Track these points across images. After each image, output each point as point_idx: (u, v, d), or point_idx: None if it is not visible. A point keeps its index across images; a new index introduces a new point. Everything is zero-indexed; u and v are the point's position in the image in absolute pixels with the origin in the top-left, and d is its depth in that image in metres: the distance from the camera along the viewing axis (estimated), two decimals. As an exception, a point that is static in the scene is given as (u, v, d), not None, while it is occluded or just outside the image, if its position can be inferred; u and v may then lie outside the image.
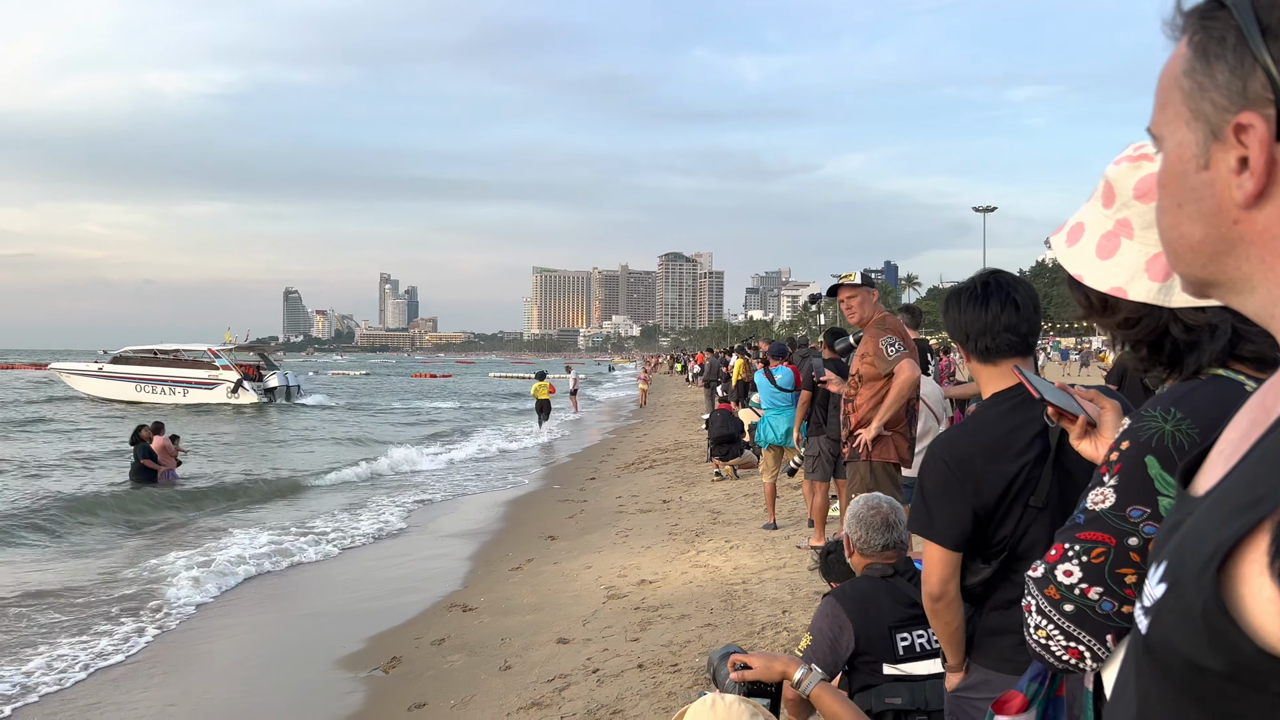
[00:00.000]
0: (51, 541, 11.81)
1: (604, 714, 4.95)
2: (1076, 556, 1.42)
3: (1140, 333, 1.47)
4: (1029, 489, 2.18)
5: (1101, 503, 1.42)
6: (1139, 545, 1.38)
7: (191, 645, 7.65)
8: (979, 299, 2.30)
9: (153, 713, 6.19)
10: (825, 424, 8.07)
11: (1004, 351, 2.30)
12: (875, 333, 5.17)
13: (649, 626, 6.43)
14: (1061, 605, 1.43)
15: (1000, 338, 2.29)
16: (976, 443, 2.24)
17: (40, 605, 8.62)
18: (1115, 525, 1.40)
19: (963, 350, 2.38)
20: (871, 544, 3.24)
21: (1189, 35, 0.71)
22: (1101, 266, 1.43)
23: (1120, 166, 1.44)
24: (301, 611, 8.63)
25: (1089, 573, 1.41)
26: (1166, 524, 0.73)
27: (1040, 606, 1.46)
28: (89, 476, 17.60)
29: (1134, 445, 1.41)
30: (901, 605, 3.08)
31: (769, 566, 7.61)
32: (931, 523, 2.23)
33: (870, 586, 3.16)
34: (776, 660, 2.39)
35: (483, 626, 7.44)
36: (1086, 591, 1.41)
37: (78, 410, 34.55)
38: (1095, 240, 1.45)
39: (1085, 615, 1.41)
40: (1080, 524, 1.43)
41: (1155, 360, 1.50)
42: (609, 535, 10.22)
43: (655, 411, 31.46)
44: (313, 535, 11.83)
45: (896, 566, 3.18)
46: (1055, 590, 1.44)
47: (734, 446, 13.18)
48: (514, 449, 22.89)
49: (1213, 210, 0.70)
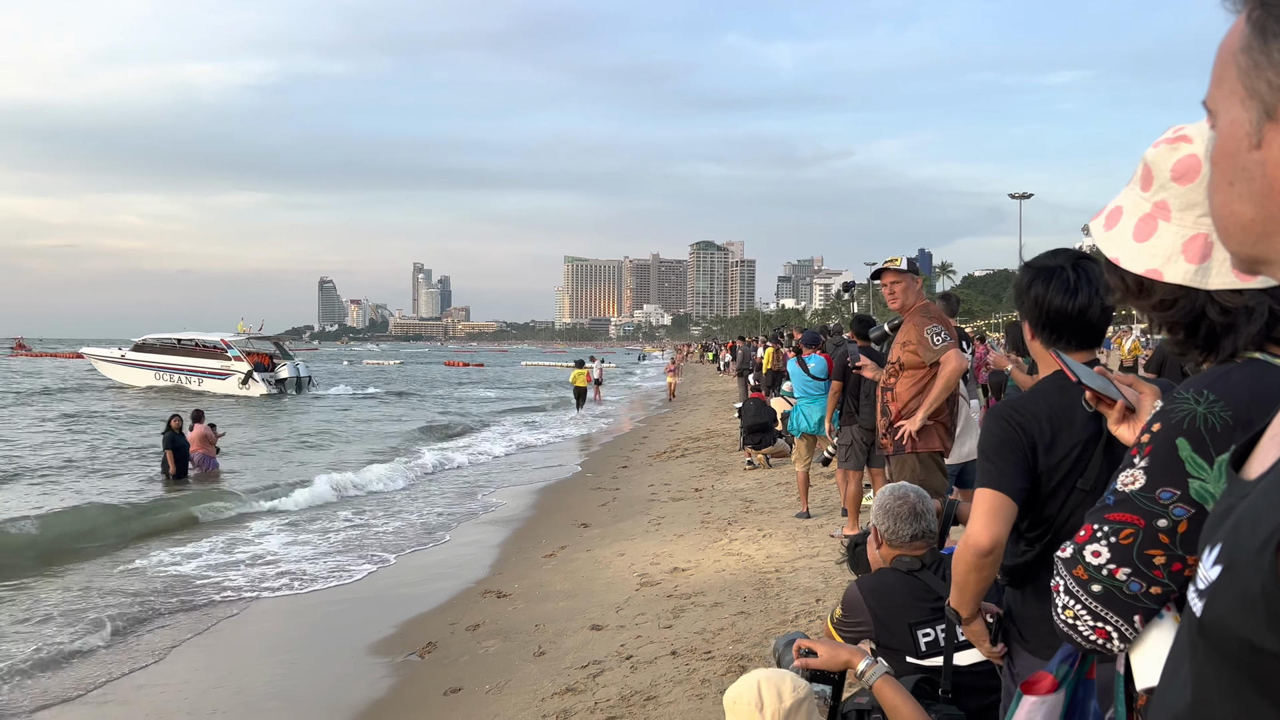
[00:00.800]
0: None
1: (637, 700, 4.98)
2: (1105, 537, 1.43)
3: (1176, 315, 1.46)
4: (1078, 471, 2.17)
5: (1131, 484, 1.42)
6: (1168, 527, 1.39)
7: (232, 628, 7.79)
8: (1069, 287, 2.26)
9: (196, 694, 6.32)
10: (858, 413, 8.03)
11: (1074, 347, 2.28)
12: (919, 321, 5.11)
13: (682, 614, 6.45)
14: (1089, 586, 1.44)
15: (1079, 326, 2.28)
16: (1038, 408, 2.23)
17: (96, 589, 8.82)
18: (1145, 507, 1.40)
19: (1029, 328, 2.34)
20: (900, 535, 3.22)
21: (1248, 11, 0.70)
22: (1138, 249, 1.43)
23: (1159, 149, 1.44)
24: (337, 597, 8.75)
25: (1117, 553, 1.42)
26: (1218, 508, 0.73)
27: (1068, 586, 1.48)
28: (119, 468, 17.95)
29: (1165, 427, 1.41)
30: (924, 602, 3.07)
31: (802, 555, 7.60)
32: (996, 472, 2.20)
33: (894, 581, 3.15)
34: (842, 649, 2.39)
35: (517, 613, 7.50)
36: (1114, 572, 1.42)
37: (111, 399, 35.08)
38: (1133, 223, 1.45)
39: (1113, 596, 1.42)
40: (1110, 505, 1.44)
41: (1191, 343, 1.49)
42: (641, 523, 10.25)
43: (687, 400, 31.45)
44: (350, 522, 12.00)
45: (924, 559, 3.16)
46: (1083, 570, 1.45)
47: (767, 435, 13.15)
48: (546, 438, 23.02)
49: (1263, 190, 0.69)
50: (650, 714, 4.76)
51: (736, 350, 31.43)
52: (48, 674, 6.65)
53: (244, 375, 37.22)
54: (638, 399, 36.53)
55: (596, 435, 23.39)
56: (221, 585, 9.00)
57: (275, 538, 11.11)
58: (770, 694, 2.04)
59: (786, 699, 2.03)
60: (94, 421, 26.77)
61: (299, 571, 9.52)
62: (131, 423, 25.89)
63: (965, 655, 3.04)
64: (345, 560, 10.04)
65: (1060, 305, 2.25)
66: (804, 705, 2.06)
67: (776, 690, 2.04)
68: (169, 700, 6.21)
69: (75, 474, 16.85)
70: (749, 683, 2.09)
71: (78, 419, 27.41)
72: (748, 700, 2.04)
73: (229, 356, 37.90)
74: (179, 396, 34.20)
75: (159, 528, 11.79)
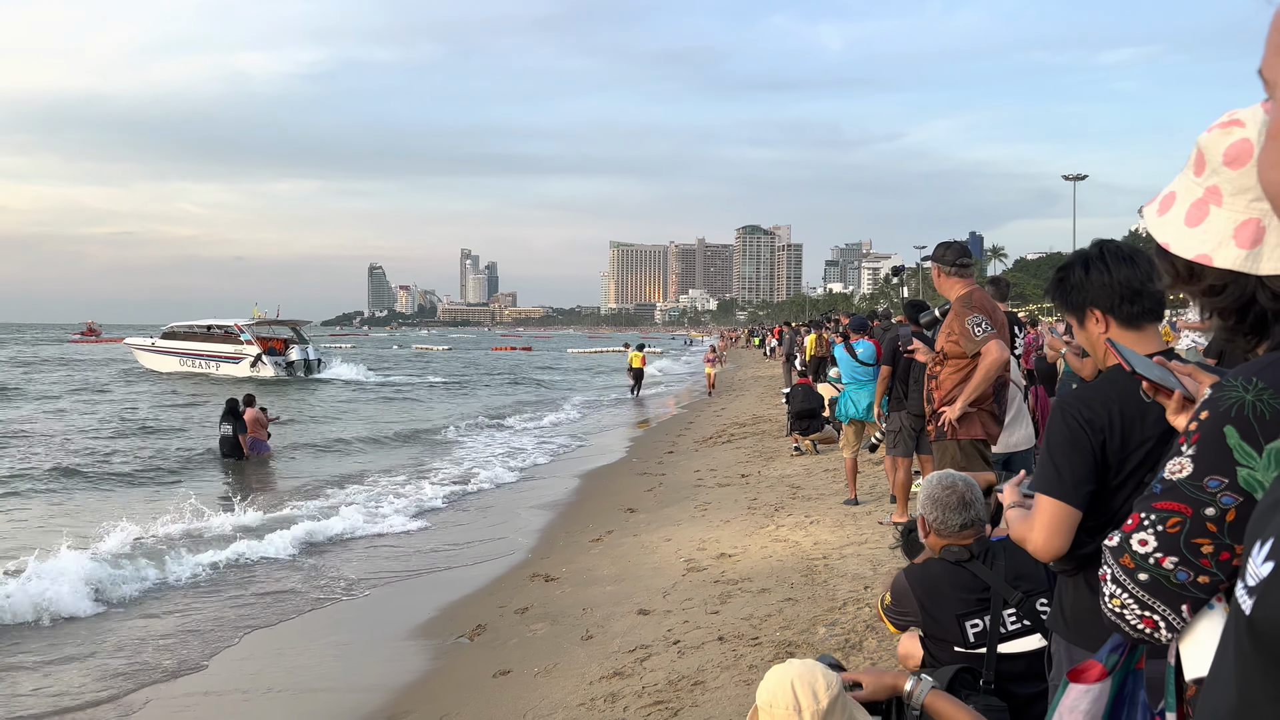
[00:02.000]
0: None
1: (685, 685, 5.00)
2: (1152, 526, 1.43)
3: (1226, 300, 1.43)
4: (1148, 465, 2.12)
5: (1179, 472, 1.41)
6: (1216, 516, 1.38)
7: (284, 605, 7.95)
8: (1125, 256, 2.23)
9: (245, 678, 6.47)
10: (906, 399, 7.95)
11: (1149, 316, 2.25)
12: (961, 310, 5.05)
13: (729, 600, 6.45)
14: (1136, 574, 1.45)
15: (1149, 300, 2.24)
16: (1107, 405, 2.17)
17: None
18: (1192, 495, 1.39)
19: (1101, 317, 2.29)
20: (949, 524, 3.19)
21: None
22: (1189, 234, 1.41)
23: (1211, 134, 1.42)
24: (387, 580, 8.89)
25: (1164, 542, 1.42)
26: (1267, 499, 0.71)
27: (1115, 575, 1.48)
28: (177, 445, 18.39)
29: (1213, 415, 1.39)
30: (972, 593, 3.04)
31: (850, 542, 7.56)
32: (1060, 479, 2.15)
33: (941, 572, 3.12)
34: (885, 676, 2.37)
35: (564, 596, 7.57)
36: (1161, 561, 1.42)
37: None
38: (1185, 208, 1.43)
39: (1160, 585, 1.43)
40: (1157, 493, 1.44)
41: (1240, 329, 1.46)
42: (688, 509, 10.27)
43: (733, 386, 31.37)
44: (398, 503, 12.19)
45: (972, 549, 3.12)
46: (1130, 559, 1.46)
47: (815, 421, 13.08)
48: (589, 424, 23.13)
49: None
50: (698, 699, 4.78)
51: (783, 335, 31.26)
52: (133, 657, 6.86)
53: (253, 359, 38.41)
54: (689, 386, 36.29)
55: (643, 421, 23.45)
56: (285, 565, 9.18)
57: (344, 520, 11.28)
58: (806, 695, 2.00)
59: (823, 699, 2.00)
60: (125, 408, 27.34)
61: (349, 546, 9.69)
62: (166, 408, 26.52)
63: (1011, 644, 3.01)
64: (396, 541, 10.20)
65: (1129, 274, 2.22)
66: (839, 702, 2.03)
67: (812, 690, 2.00)
68: (228, 679, 6.37)
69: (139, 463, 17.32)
70: (781, 683, 2.03)
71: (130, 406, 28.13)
72: (784, 704, 1.99)
73: (241, 341, 39.13)
74: (202, 381, 35.62)
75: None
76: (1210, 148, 1.41)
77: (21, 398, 30.10)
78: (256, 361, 38.32)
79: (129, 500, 13.04)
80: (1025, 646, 3.01)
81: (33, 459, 16.57)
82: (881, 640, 5.11)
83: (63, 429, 21.41)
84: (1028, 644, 3.01)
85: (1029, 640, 3.01)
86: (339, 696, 6.03)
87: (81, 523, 11.27)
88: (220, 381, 35.41)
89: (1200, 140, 1.43)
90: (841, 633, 5.34)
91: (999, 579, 3.05)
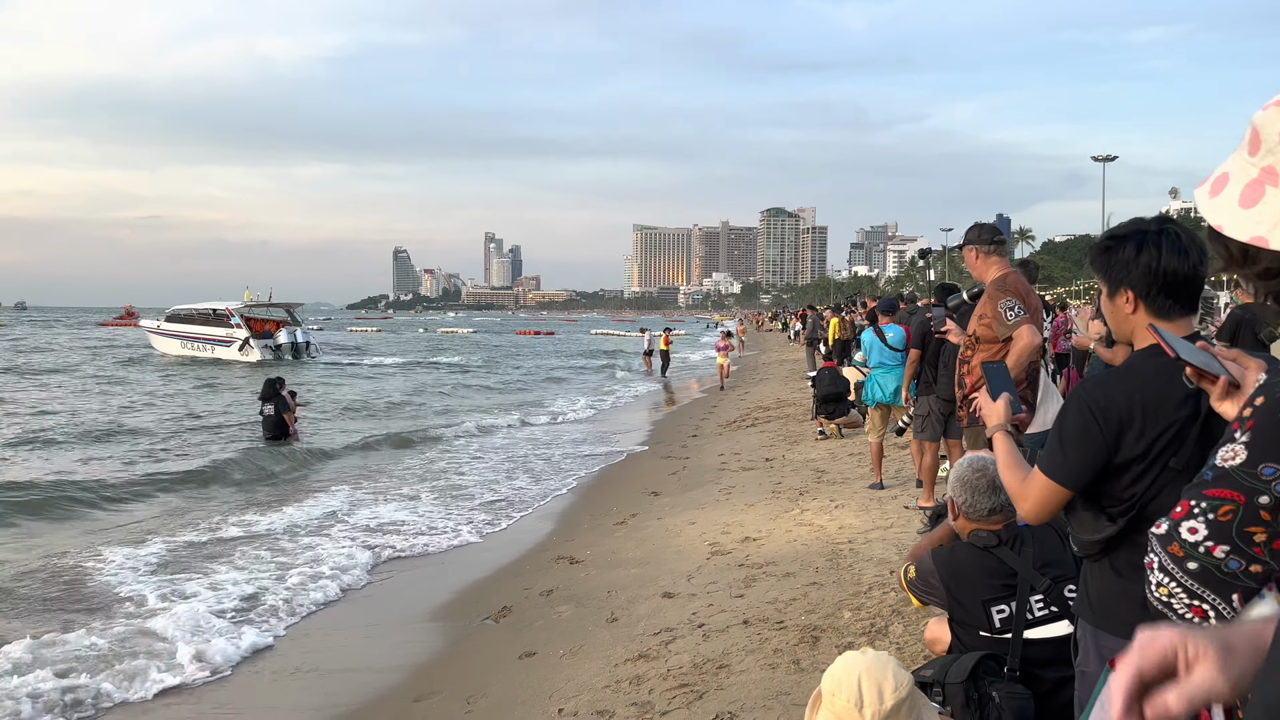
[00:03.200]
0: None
1: (710, 669, 5.00)
2: (1203, 514, 1.41)
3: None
4: (1171, 450, 2.09)
5: (1232, 459, 1.39)
6: (1270, 504, 1.36)
7: (314, 585, 8.03)
8: (1181, 248, 2.16)
9: (275, 659, 6.54)
10: (935, 382, 7.89)
11: (1182, 310, 2.19)
12: (994, 294, 4.98)
13: (753, 583, 6.45)
14: (1185, 563, 1.42)
15: (1186, 295, 2.18)
16: (1126, 394, 2.13)
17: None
18: (1245, 483, 1.37)
19: (1132, 298, 2.24)
20: (978, 508, 3.16)
21: None
22: (1243, 216, 1.37)
23: (1267, 112, 1.37)
24: (410, 560, 8.96)
25: (1215, 530, 1.40)
26: None
27: (1163, 564, 1.45)
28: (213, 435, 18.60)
29: (1269, 401, 1.37)
30: (999, 578, 3.02)
31: (875, 526, 7.53)
32: (1064, 464, 2.15)
33: (969, 557, 3.09)
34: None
35: (589, 579, 7.59)
36: (1212, 549, 1.40)
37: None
38: (1239, 189, 1.39)
39: (1210, 573, 1.40)
40: (1208, 481, 1.41)
41: None
42: (712, 492, 10.26)
43: (756, 370, 31.27)
44: (421, 485, 12.28)
45: (1001, 535, 3.09)
46: (1179, 548, 1.43)
47: (840, 405, 13.03)
48: (616, 407, 23.16)
49: None
50: (723, 682, 4.78)
51: (806, 319, 31.08)
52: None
53: (241, 341, 39.23)
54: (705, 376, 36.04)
55: (664, 404, 23.44)
56: (310, 547, 9.27)
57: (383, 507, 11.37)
58: (871, 692, 1.91)
59: (888, 699, 1.91)
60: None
61: (396, 529, 9.77)
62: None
63: (1038, 630, 2.98)
64: (424, 527, 10.28)
65: (1176, 267, 2.15)
66: (905, 705, 1.93)
67: (878, 689, 1.91)
68: (260, 660, 6.45)
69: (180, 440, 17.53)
70: (849, 674, 1.95)
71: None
72: (847, 696, 1.92)
73: (231, 324, 39.93)
74: (201, 364, 36.59)
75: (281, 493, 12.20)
76: (1266, 126, 1.37)
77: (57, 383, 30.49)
78: (244, 345, 39.13)
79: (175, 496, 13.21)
80: (1052, 633, 2.98)
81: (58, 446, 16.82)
82: (907, 625, 5.08)
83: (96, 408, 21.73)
84: (1055, 630, 2.98)
85: (1056, 626, 2.98)
86: (367, 676, 6.09)
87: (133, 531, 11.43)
88: (205, 364, 36.78)
89: (1255, 119, 1.39)
90: (867, 617, 5.32)
91: (1027, 565, 3.02)
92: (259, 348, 38.94)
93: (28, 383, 29.78)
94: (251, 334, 39.42)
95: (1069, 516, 2.25)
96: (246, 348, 38.92)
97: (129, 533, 9.99)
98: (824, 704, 1.95)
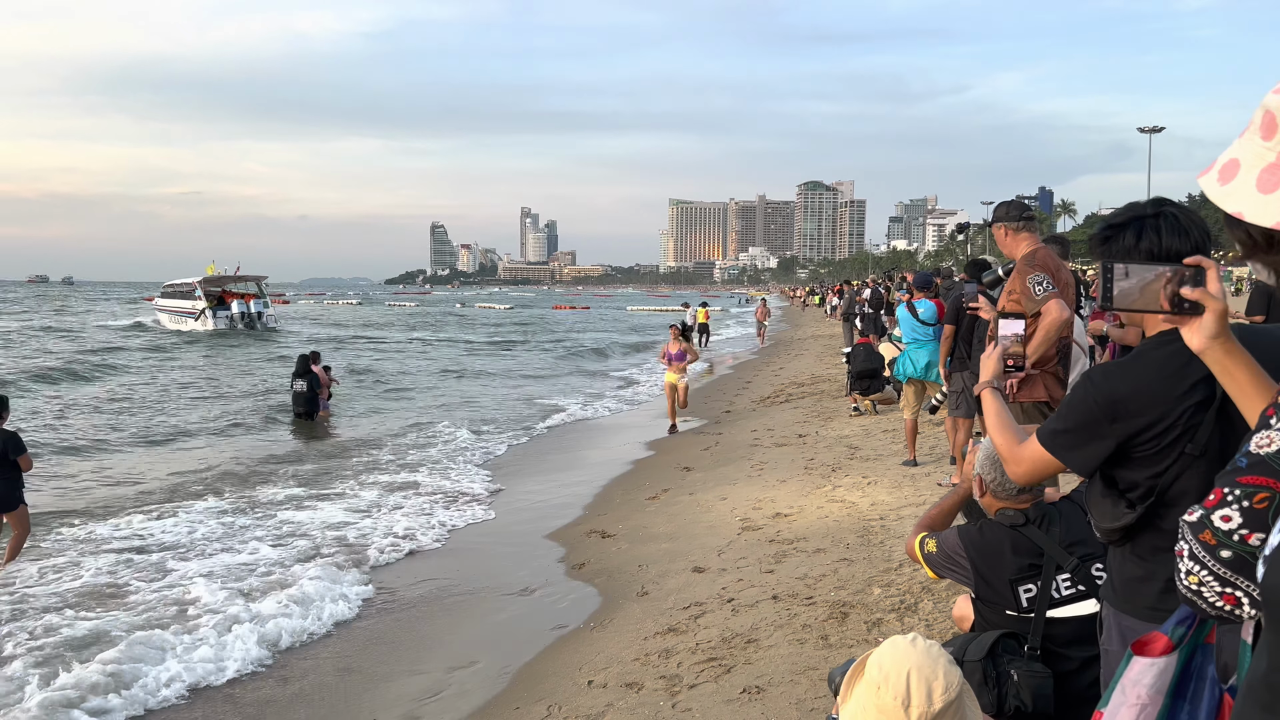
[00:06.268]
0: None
1: (738, 643, 5.03)
2: (1236, 501, 1.38)
3: None
4: (1187, 436, 2.07)
5: (1267, 446, 1.36)
6: None
7: (354, 563, 8.18)
8: (1180, 228, 2.13)
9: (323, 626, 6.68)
10: (970, 358, 7.80)
11: None
12: (1023, 269, 4.92)
13: (784, 559, 6.46)
14: (1218, 551, 1.40)
15: None
16: (1135, 383, 2.11)
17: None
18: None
19: None
20: (1006, 486, 3.13)
21: None
22: (1264, 201, 1.34)
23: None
24: (447, 533, 9.07)
25: (1250, 518, 1.37)
26: None
27: (1194, 552, 1.43)
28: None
29: None
30: (1026, 557, 3.00)
31: (908, 503, 7.50)
32: (1065, 443, 2.16)
33: (997, 536, 3.07)
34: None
35: (620, 553, 7.65)
36: (1247, 538, 1.38)
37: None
38: (1255, 175, 1.36)
39: (1244, 562, 1.38)
40: (1242, 468, 1.39)
41: None
42: (743, 468, 10.27)
43: (791, 346, 31.14)
44: (456, 459, 12.42)
45: (1029, 514, 3.07)
46: (1211, 535, 1.41)
47: (876, 381, 12.93)
48: (649, 383, 23.19)
49: None
50: (751, 656, 4.81)
51: (842, 293, 30.87)
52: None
53: (199, 312, 43.23)
54: (741, 351, 36.19)
55: (699, 380, 23.44)
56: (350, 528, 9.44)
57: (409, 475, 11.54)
58: (920, 692, 1.82)
59: (937, 701, 1.82)
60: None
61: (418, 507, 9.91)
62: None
63: (1064, 609, 2.96)
64: (455, 499, 10.40)
65: (1179, 248, 2.12)
66: (953, 706, 1.83)
67: (928, 689, 1.82)
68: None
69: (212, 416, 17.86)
70: (898, 668, 1.86)
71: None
72: (895, 693, 1.83)
73: (195, 296, 44.10)
74: (184, 336, 40.20)
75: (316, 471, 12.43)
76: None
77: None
78: (201, 315, 42.86)
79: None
80: (1078, 611, 2.97)
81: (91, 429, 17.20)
82: (937, 603, 5.07)
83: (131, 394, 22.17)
84: (1081, 609, 2.96)
85: (1083, 605, 2.96)
86: (396, 650, 6.20)
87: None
88: (172, 334, 40.73)
89: (1268, 101, 1.36)
90: (897, 594, 5.32)
91: (1054, 544, 3.00)
92: (214, 318, 42.33)
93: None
94: (217, 305, 42.95)
95: (1088, 504, 2.24)
96: (203, 317, 42.67)
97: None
98: (867, 693, 1.87)
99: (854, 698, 1.93)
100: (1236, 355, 1.78)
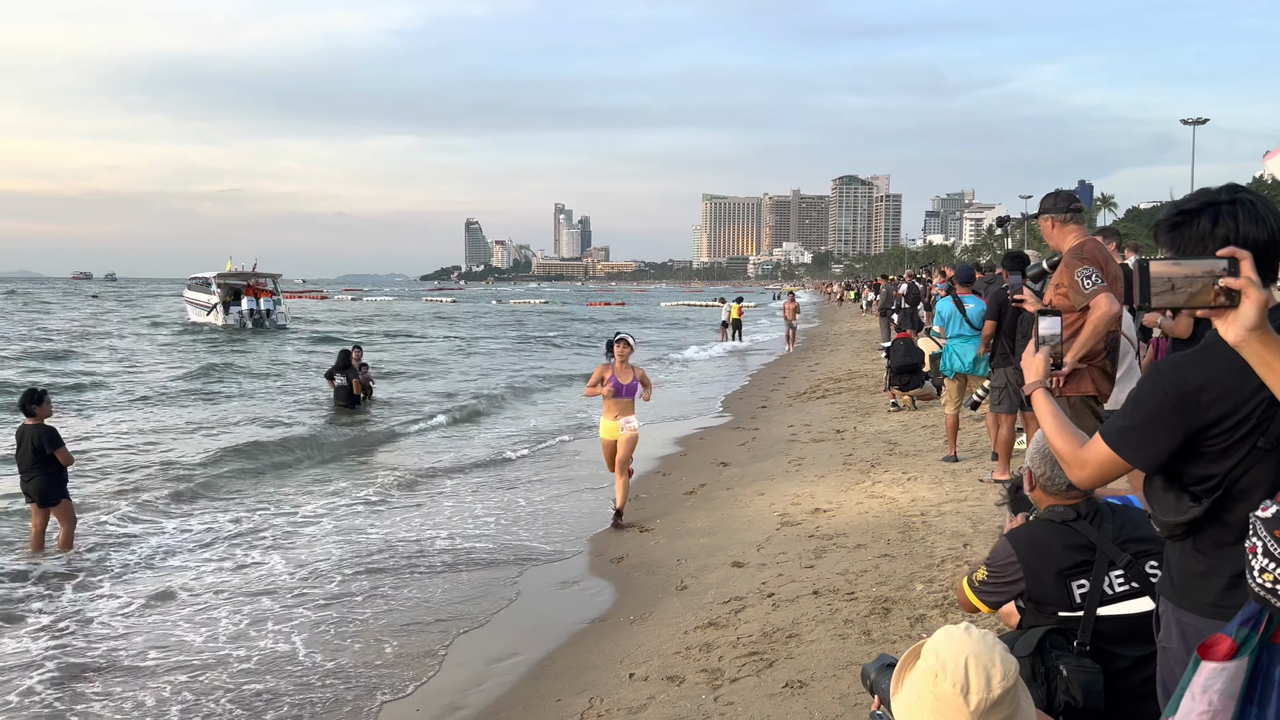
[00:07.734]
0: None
1: (779, 638, 5.02)
2: None
3: None
4: (1259, 430, 1.99)
5: None
6: None
7: (373, 541, 8.26)
8: (1258, 215, 2.05)
9: (342, 605, 6.76)
10: (1012, 354, 7.71)
11: (1272, 275, 2.09)
12: (1071, 262, 4.83)
13: (824, 554, 6.43)
14: None
15: (1267, 269, 2.07)
16: (1206, 375, 2.03)
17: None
18: None
19: None
20: (1057, 482, 3.09)
21: None
22: None
23: None
24: (476, 525, 9.13)
25: None
26: None
27: (1269, 549, 1.39)
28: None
29: None
30: (1077, 552, 2.95)
31: (949, 499, 7.43)
32: (1132, 443, 2.08)
33: (1047, 532, 3.03)
34: None
35: (659, 547, 7.66)
36: None
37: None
38: None
39: None
40: None
41: None
42: (781, 463, 10.23)
43: (827, 341, 30.92)
44: (499, 450, 12.50)
45: (1079, 509, 3.02)
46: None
47: (915, 376, 12.83)
48: (687, 374, 23.16)
49: None
50: (793, 651, 4.80)
51: (879, 288, 30.59)
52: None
53: (211, 306, 44.68)
54: (775, 348, 35.99)
55: (736, 376, 23.36)
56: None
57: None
58: (979, 680, 1.80)
59: (996, 688, 1.81)
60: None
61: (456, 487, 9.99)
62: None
63: (1114, 607, 2.91)
64: (493, 485, 10.47)
65: (1256, 236, 2.04)
66: (1010, 694, 1.83)
67: (987, 676, 1.81)
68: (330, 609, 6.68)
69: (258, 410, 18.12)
70: (955, 656, 1.83)
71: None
72: (953, 681, 1.82)
73: (211, 291, 45.39)
74: (202, 328, 42.02)
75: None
76: None
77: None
78: (213, 309, 44.26)
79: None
80: (1131, 609, 2.91)
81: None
82: (981, 599, 5.02)
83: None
84: (1134, 607, 2.91)
85: (1137, 603, 2.91)
86: (440, 634, 6.25)
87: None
88: (193, 329, 42.27)
89: None
90: (939, 590, 5.27)
91: (1106, 540, 2.96)
92: (225, 313, 43.50)
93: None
94: (229, 301, 44.09)
95: (1148, 498, 2.18)
96: (215, 312, 44.00)
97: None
98: (923, 682, 1.85)
99: (906, 687, 1.91)
100: (1275, 346, 1.71)
